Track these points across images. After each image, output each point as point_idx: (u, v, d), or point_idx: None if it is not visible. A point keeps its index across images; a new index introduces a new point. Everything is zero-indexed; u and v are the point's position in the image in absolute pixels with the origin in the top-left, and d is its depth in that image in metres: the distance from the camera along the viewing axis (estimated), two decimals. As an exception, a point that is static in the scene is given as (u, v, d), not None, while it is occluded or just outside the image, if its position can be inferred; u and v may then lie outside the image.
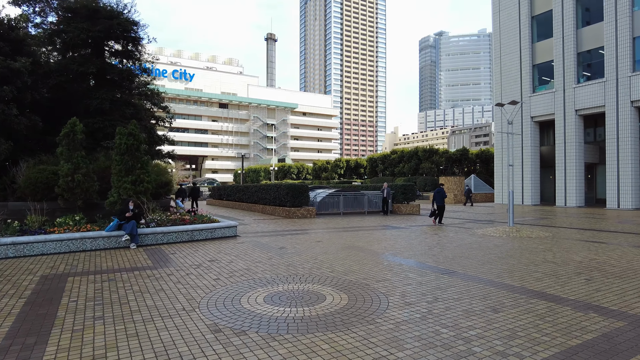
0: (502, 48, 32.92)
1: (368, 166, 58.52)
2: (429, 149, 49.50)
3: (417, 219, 18.87)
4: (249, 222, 16.81)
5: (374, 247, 10.19)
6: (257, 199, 22.87)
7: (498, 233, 13.06)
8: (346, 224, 16.05)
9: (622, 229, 14.34)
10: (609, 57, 26.02)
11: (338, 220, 17.97)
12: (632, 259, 8.65)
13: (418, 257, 8.71)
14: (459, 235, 12.79)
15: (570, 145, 28.01)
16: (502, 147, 32.99)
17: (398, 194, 22.64)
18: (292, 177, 76.21)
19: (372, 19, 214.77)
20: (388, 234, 13.02)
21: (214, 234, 11.79)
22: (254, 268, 7.64)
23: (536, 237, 12.14)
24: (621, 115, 25.39)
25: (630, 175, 24.93)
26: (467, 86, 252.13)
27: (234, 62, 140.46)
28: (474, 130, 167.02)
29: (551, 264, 7.98)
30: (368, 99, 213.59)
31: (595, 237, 12.26)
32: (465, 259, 8.59)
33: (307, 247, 10.03)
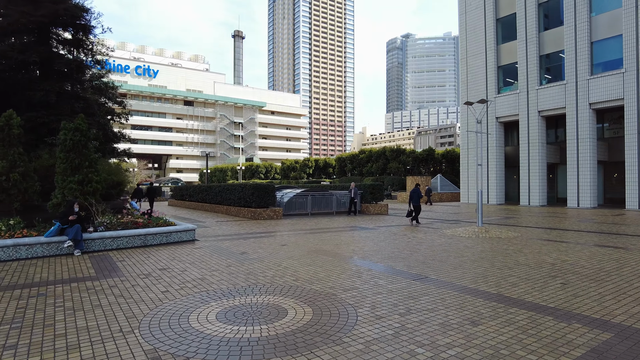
0: (468, 49, 33.32)
1: (337, 166, 58.29)
2: (396, 149, 49.75)
3: (386, 219, 18.54)
4: (210, 225, 15.92)
5: (342, 250, 9.65)
6: (221, 200, 21.92)
7: (467, 233, 12.84)
8: (314, 226, 15.47)
9: (585, 228, 14.49)
10: (569, 60, 26.73)
11: (305, 221, 17.36)
12: (601, 259, 8.51)
13: (388, 261, 8.23)
14: (429, 236, 12.47)
15: (534, 145, 28.62)
16: (468, 147, 33.42)
17: (366, 194, 22.30)
18: (260, 177, 74.98)
19: (340, 20, 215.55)
20: (357, 235, 12.53)
21: (169, 238, 10.90)
22: (210, 277, 6.90)
23: (505, 238, 11.97)
24: (580, 117, 26.12)
25: (589, 175, 25.70)
26: (433, 88, 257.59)
27: (200, 58, 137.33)
28: (439, 131, 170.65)
29: (525, 267, 7.68)
30: (337, 99, 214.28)
31: (562, 237, 12.24)
32: (437, 262, 8.18)
33: (271, 252, 9.36)
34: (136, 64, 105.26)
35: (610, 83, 24.87)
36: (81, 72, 15.60)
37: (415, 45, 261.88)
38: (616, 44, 25.06)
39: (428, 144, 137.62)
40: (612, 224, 15.84)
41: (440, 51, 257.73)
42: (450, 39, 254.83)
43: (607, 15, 25.55)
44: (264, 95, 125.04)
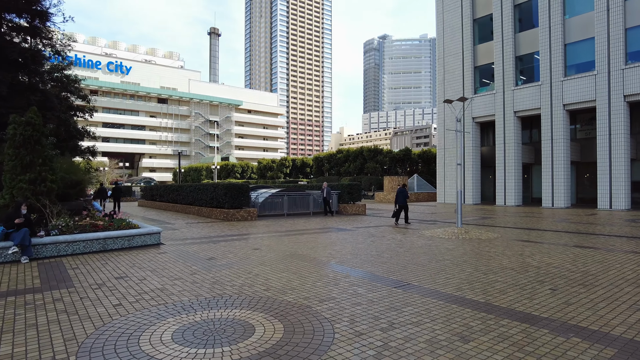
0: (445, 49, 33.35)
1: (314, 165, 57.76)
2: (373, 149, 49.63)
3: (364, 219, 18.10)
4: (179, 227, 15.08)
5: (318, 254, 9.08)
6: (193, 200, 21.01)
7: (447, 235, 12.50)
8: (289, 227, 14.85)
9: (563, 228, 14.41)
10: (544, 61, 27.00)
11: (281, 222, 16.72)
12: (584, 261, 8.24)
13: (367, 266, 7.71)
14: (408, 237, 12.05)
15: (510, 145, 28.82)
16: (445, 147, 33.45)
17: (344, 194, 21.83)
18: (235, 177, 73.69)
19: (318, 19, 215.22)
20: (334, 237, 11.99)
21: (132, 242, 10.08)
22: (171, 287, 6.20)
23: (486, 239, 11.67)
24: (555, 117, 26.42)
25: (563, 175, 26.01)
26: (409, 89, 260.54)
27: (175, 55, 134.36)
28: (415, 131, 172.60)
29: (510, 271, 7.30)
30: (314, 99, 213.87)
31: (542, 237, 12.04)
32: (418, 266, 7.71)
33: (242, 257, 8.70)
34: (108, 60, 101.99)
35: (583, 85, 25.22)
36: (38, 62, 14.44)
37: (392, 47, 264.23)
38: (589, 47, 25.43)
39: (404, 144, 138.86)
40: (587, 224, 15.86)
41: (417, 53, 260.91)
42: (426, 41, 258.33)
43: (580, 18, 25.91)
44: (241, 93, 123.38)
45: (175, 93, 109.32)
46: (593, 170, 27.71)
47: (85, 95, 17.97)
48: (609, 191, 24.04)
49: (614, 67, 23.98)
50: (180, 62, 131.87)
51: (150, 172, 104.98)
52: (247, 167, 73.73)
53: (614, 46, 24.03)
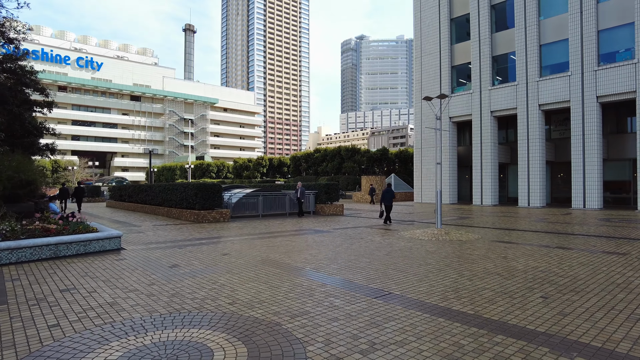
0: (422, 49, 33.23)
1: (292, 165, 57.00)
2: (351, 148, 49.29)
3: (342, 220, 17.56)
4: (145, 229, 14.15)
5: (293, 259, 8.44)
6: (162, 201, 20.00)
7: (427, 236, 12.07)
8: (264, 229, 14.14)
9: (542, 229, 14.24)
10: (520, 62, 27.15)
11: (255, 224, 15.99)
12: (570, 264, 7.90)
13: (345, 273, 7.12)
14: (387, 239, 11.55)
15: (486, 145, 28.87)
16: (422, 147, 33.33)
17: (321, 194, 21.26)
18: (211, 176, 72.12)
19: (295, 18, 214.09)
20: (310, 240, 11.37)
21: (88, 247, 9.19)
22: (122, 302, 5.44)
23: (467, 241, 11.29)
24: (531, 117, 26.58)
25: (539, 175, 26.20)
26: (386, 90, 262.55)
27: (149, 52, 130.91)
28: (392, 132, 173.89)
29: (496, 277, 6.85)
30: (292, 98, 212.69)
31: (523, 238, 11.76)
32: (399, 272, 7.18)
33: (208, 264, 7.97)
34: (78, 55, 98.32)
35: (558, 85, 25.45)
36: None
37: (369, 47, 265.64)
38: (563, 48, 25.68)
39: (381, 144, 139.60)
40: (565, 224, 15.78)
41: (393, 54, 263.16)
42: (402, 42, 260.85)
43: (555, 20, 26.15)
44: (216, 91, 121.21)
45: (149, 90, 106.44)
46: (566, 170, 28.06)
47: (44, 89, 16.72)
48: (583, 191, 24.31)
49: (587, 69, 24.26)
50: (154, 59, 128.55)
51: (122, 171, 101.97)
52: (223, 167, 72.26)
53: (587, 48, 24.31)
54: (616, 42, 23.92)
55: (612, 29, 23.89)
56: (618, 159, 26.35)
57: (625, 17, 23.33)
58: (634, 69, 22.61)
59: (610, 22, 23.88)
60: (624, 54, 23.55)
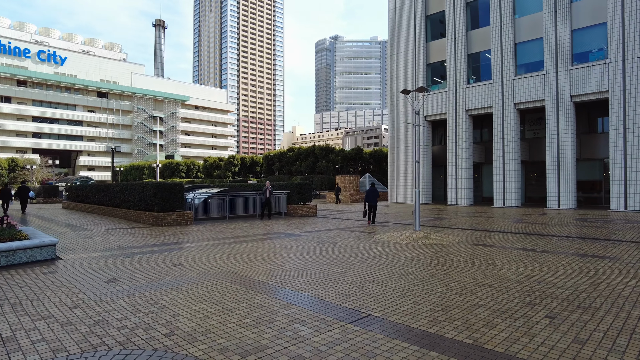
0: (397, 46, 32.61)
1: (264, 164, 55.58)
2: (325, 147, 48.38)
3: (315, 222, 16.52)
4: (96, 234, 12.67)
5: (255, 271, 7.32)
6: (120, 202, 18.41)
7: (405, 239, 11.18)
8: (229, 233, 12.93)
9: (522, 230, 13.63)
10: (495, 60, 26.86)
11: (221, 227, 14.74)
12: (565, 272, 7.13)
13: (315, 288, 6.07)
14: (362, 243, 10.59)
15: (461, 144, 28.48)
16: (397, 146, 32.72)
17: (293, 194, 20.16)
18: (180, 175, 69.79)
19: (269, 17, 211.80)
20: (279, 245, 10.26)
21: (12, 258, 7.76)
22: (24, 335, 4.19)
23: (448, 244, 10.46)
24: (506, 116, 26.32)
25: (514, 174, 25.95)
26: (360, 90, 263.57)
27: (117, 47, 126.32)
28: (366, 132, 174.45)
29: (489, 290, 5.96)
30: (266, 97, 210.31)
31: (507, 241, 11.03)
32: (378, 285, 6.19)
33: (153, 278, 6.75)
34: (39, 48, 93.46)
35: (533, 84, 25.25)
36: None
37: (344, 48, 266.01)
38: (538, 47, 25.52)
39: (356, 144, 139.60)
40: (544, 225, 15.27)
41: (367, 55, 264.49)
42: (376, 43, 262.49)
43: (529, 18, 25.98)
44: (187, 88, 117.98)
45: (117, 87, 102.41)
46: (540, 169, 28.01)
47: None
48: (557, 190, 24.17)
49: (562, 68, 24.14)
50: (123, 55, 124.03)
51: (89, 170, 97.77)
52: (193, 166, 70.01)
53: (561, 47, 24.20)
54: (589, 42, 23.90)
55: (585, 28, 23.85)
56: (589, 159, 26.45)
57: (598, 16, 23.31)
58: (607, 68, 22.58)
59: (583, 21, 23.83)
60: (596, 54, 23.53)
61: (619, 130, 22.19)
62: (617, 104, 22.22)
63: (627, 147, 21.88)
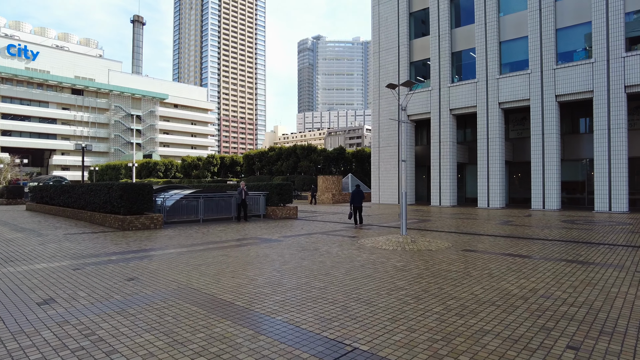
0: (380, 44, 31.93)
1: (245, 164, 54.26)
2: (307, 147, 47.43)
3: (295, 225, 15.57)
4: (51, 240, 11.43)
5: (221, 287, 6.33)
6: (85, 204, 17.08)
7: (391, 245, 10.35)
8: (200, 238, 11.86)
9: (512, 233, 12.99)
10: (480, 59, 26.41)
11: (192, 231, 13.64)
12: (571, 283, 6.40)
13: (290, 310, 5.13)
14: (345, 249, 9.71)
15: (445, 144, 27.95)
16: (379, 146, 32.02)
17: (273, 195, 19.15)
18: (158, 175, 67.81)
19: (251, 16, 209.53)
20: (253, 253, 9.28)
21: None
22: None
23: (437, 250, 9.67)
24: (491, 116, 25.88)
25: (499, 175, 25.53)
26: (342, 91, 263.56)
27: (92, 43, 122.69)
28: (348, 132, 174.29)
29: (492, 308, 5.13)
30: (247, 96, 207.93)
31: (498, 246, 10.32)
32: (364, 305, 5.30)
33: (100, 297, 5.69)
34: (8, 42, 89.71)
35: (518, 83, 24.88)
36: None
37: (326, 48, 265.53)
38: (523, 45, 25.17)
39: (338, 144, 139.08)
40: (533, 228, 14.69)
41: (349, 55, 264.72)
42: (358, 44, 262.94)
43: (514, 17, 25.61)
44: (166, 86, 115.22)
45: (93, 84, 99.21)
46: (524, 170, 27.73)
47: None
48: (542, 191, 23.83)
49: (546, 67, 23.82)
50: (99, 51, 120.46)
51: (63, 170, 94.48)
52: (171, 166, 68.06)
53: (546, 46, 23.88)
54: (574, 41, 23.64)
55: (570, 27, 23.58)
56: (572, 159, 26.26)
57: (582, 16, 23.06)
58: (591, 68, 22.33)
59: (568, 20, 23.55)
60: (581, 53, 23.28)
61: (603, 131, 21.95)
62: (602, 104, 21.98)
63: (612, 147, 21.64)
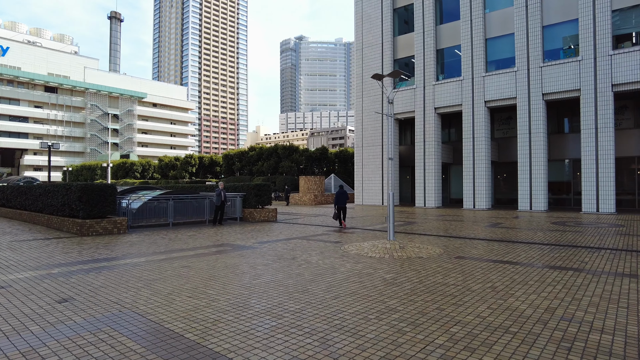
0: (364, 40, 31.04)
1: (224, 164, 52.68)
2: (289, 146, 46.23)
3: (273, 228, 14.44)
4: (-9, 248, 10.03)
5: (174, 310, 5.18)
6: (43, 206, 15.58)
7: (378, 252, 9.35)
8: (164, 246, 10.63)
9: (506, 237, 12.16)
10: (465, 56, 25.76)
11: (159, 236, 12.37)
12: (591, 300, 5.49)
13: (254, 346, 4.03)
14: (326, 257, 8.66)
15: (430, 144, 27.20)
16: (363, 145, 31.11)
17: (250, 197, 17.96)
18: (135, 176, 65.55)
19: (232, 15, 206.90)
20: (221, 264, 8.13)
21: None
22: None
23: (429, 258, 8.71)
24: (477, 115, 25.24)
25: (485, 175, 24.89)
26: (325, 92, 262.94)
27: (67, 39, 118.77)
28: (331, 132, 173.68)
29: (507, 338, 4.14)
30: (229, 96, 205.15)
31: (494, 252, 9.42)
32: (349, 337, 4.24)
33: (11, 328, 4.47)
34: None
35: (504, 81, 24.30)
36: None
37: (309, 48, 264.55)
38: (509, 43, 24.61)
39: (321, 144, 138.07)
40: (525, 230, 13.92)
41: (332, 56, 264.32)
42: (341, 45, 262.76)
43: (500, 13, 25.05)
44: (145, 85, 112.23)
45: (67, 82, 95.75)
46: (509, 170, 27.23)
47: None
48: (529, 192, 23.26)
49: (533, 65, 23.29)
50: (74, 47, 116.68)
51: (35, 170, 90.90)
52: (149, 166, 65.86)
53: (533, 43, 23.35)
54: (560, 39, 23.17)
55: (556, 25, 23.10)
56: (558, 159, 25.85)
57: (569, 13, 22.60)
58: (578, 66, 21.87)
59: (554, 17, 23.07)
60: (568, 51, 22.82)
61: (590, 130, 21.49)
62: (589, 102, 21.52)
63: (599, 147, 21.20)
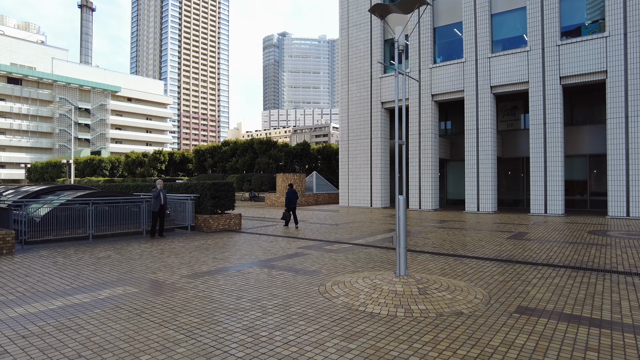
0: (350, 18, 27.22)
1: (195, 161, 48.20)
2: (266, 140, 42.12)
3: (231, 244, 10.48)
4: None
5: None
6: None
7: (383, 301, 5.56)
8: (59, 282, 6.59)
9: (558, 258, 8.52)
10: (468, 35, 22.19)
11: (62, 257, 8.30)
12: None
13: None
14: (294, 314, 4.81)
15: (426, 137, 23.56)
16: (349, 139, 27.32)
17: (205, 199, 13.95)
18: (104, 174, 60.43)
19: (214, 10, 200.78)
20: (75, 342, 4.19)
21: None
22: None
23: (473, 315, 4.94)
24: (481, 102, 21.69)
25: (490, 173, 21.35)
26: (308, 89, 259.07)
27: (33, 28, 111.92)
28: (314, 129, 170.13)
29: None
30: (209, 92, 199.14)
31: (571, 295, 5.72)
32: None
33: None
34: None
35: (514, 63, 20.80)
36: None
37: (292, 45, 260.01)
38: (519, 19, 21.13)
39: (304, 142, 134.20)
40: (574, 244, 10.31)
41: (316, 53, 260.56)
42: (325, 42, 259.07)
43: (508, -15, 21.55)
44: (119, 78, 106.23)
45: (33, 73, 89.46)
46: (514, 167, 23.90)
47: None
48: (544, 193, 19.82)
49: (549, 44, 19.83)
50: (41, 37, 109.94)
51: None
52: (118, 163, 60.79)
53: (548, 19, 19.89)
54: (583, 13, 19.78)
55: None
56: (573, 155, 22.56)
57: (590, -17, 19.24)
58: (605, 43, 18.49)
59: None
60: (591, 27, 19.43)
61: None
62: (618, 87, 18.18)
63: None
